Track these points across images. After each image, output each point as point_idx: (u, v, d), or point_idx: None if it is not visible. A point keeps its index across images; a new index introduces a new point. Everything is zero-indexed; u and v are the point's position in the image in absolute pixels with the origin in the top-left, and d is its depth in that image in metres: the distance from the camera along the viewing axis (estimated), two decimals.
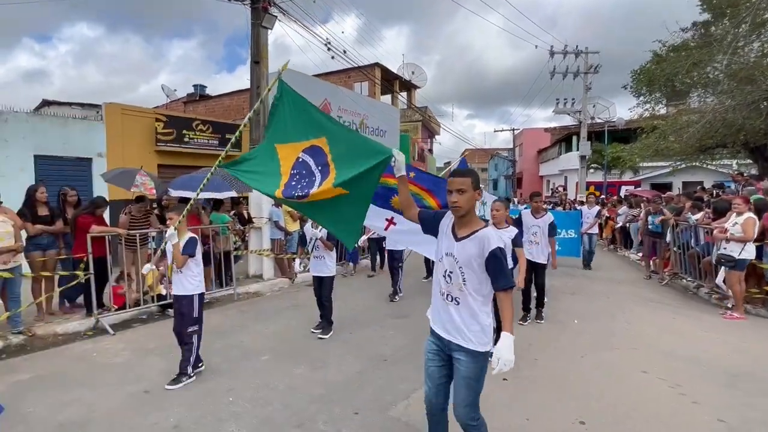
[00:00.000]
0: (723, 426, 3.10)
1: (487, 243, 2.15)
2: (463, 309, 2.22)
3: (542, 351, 4.61)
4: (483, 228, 2.24)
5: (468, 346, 2.20)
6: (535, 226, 5.56)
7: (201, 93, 24.94)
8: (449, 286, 2.27)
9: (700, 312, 6.28)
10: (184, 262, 3.82)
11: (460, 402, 2.23)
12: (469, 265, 2.20)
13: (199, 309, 3.94)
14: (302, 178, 3.23)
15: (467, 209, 2.26)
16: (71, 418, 3.24)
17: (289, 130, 3.38)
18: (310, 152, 3.29)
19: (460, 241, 2.25)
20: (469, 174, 2.30)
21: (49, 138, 8.43)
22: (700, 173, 20.56)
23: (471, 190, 2.24)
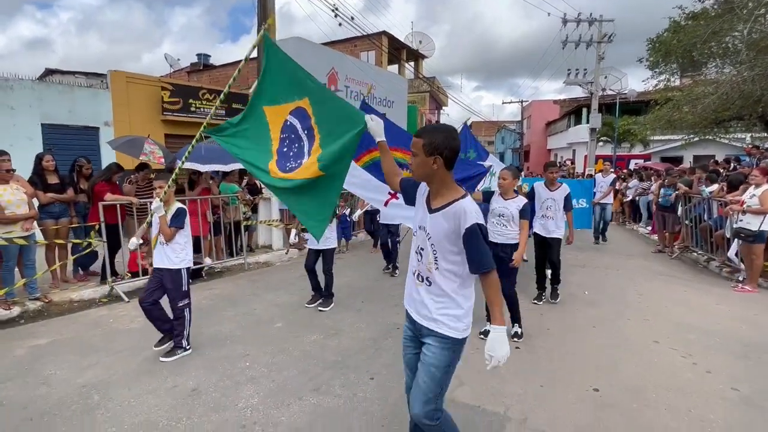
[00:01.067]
0: (736, 395, 3.11)
1: (464, 218, 1.80)
2: (435, 291, 1.91)
3: (555, 322, 4.63)
4: (460, 199, 1.86)
5: (439, 330, 1.89)
6: (550, 200, 5.18)
7: (205, 62, 24.49)
8: (420, 265, 1.97)
9: (711, 285, 6.26)
10: (172, 236, 3.60)
11: (418, 395, 1.90)
12: (441, 241, 1.87)
13: (187, 282, 3.76)
14: (292, 143, 3.14)
15: (420, 176, 1.96)
16: (92, 381, 3.30)
17: (276, 91, 3.22)
18: (297, 114, 3.17)
19: (433, 213, 1.92)
20: (425, 134, 1.90)
21: (55, 106, 8.35)
22: (712, 147, 20.23)
23: (422, 154, 1.88)
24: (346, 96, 14.00)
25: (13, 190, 4.81)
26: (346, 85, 13.88)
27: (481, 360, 1.90)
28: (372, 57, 21.04)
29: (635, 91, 23.38)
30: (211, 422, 2.75)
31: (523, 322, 4.28)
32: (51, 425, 2.72)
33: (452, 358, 1.91)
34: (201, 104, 10.40)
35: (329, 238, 5.12)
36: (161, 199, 3.52)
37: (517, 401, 2.99)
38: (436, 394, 1.89)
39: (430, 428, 1.90)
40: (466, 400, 2.96)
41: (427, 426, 1.90)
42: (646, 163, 20.23)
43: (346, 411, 2.87)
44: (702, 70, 14.79)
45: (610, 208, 9.64)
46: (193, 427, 2.70)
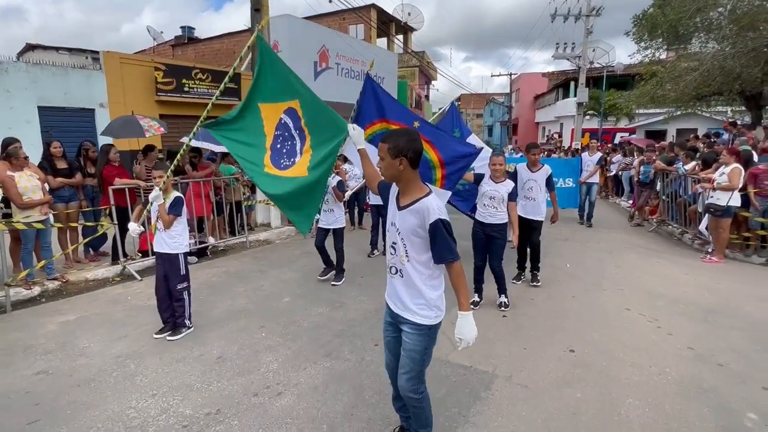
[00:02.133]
0: (691, 353, 3.61)
1: (427, 214, 1.99)
2: (408, 282, 2.11)
3: (538, 292, 5.09)
4: (424, 197, 2.05)
5: (413, 319, 2.11)
6: (532, 180, 5.24)
7: (189, 36, 23.98)
8: (393, 258, 2.16)
9: (683, 257, 6.79)
10: (171, 223, 3.77)
11: (404, 372, 2.18)
12: (410, 236, 2.06)
13: (185, 266, 3.95)
14: (285, 141, 3.33)
15: (389, 177, 2.13)
16: (124, 352, 3.67)
17: (272, 90, 3.38)
18: (290, 114, 3.36)
19: (401, 211, 2.10)
20: (389, 139, 2.07)
21: (50, 89, 8.41)
22: (695, 120, 20.73)
23: (388, 157, 2.04)
24: (337, 73, 14.08)
25: (28, 177, 5.04)
26: (337, 63, 13.94)
27: None
28: (360, 31, 20.88)
29: (622, 65, 23.56)
30: (239, 384, 3.16)
31: (510, 293, 4.73)
32: (98, 390, 3.11)
33: (428, 341, 2.15)
34: (194, 84, 10.47)
35: (338, 218, 5.46)
36: (161, 188, 3.70)
37: (503, 361, 3.45)
38: (418, 372, 2.17)
39: (414, 400, 2.21)
40: (459, 361, 3.40)
41: (411, 399, 2.20)
42: (628, 138, 20.69)
43: (356, 372, 3.30)
44: (686, 45, 15.10)
45: (596, 188, 9.48)
46: (224, 388, 3.10)
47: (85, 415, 2.81)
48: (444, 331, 3.93)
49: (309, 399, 2.96)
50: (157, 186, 3.73)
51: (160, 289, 3.94)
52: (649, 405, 2.87)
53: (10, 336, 4.01)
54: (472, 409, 2.83)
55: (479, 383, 3.13)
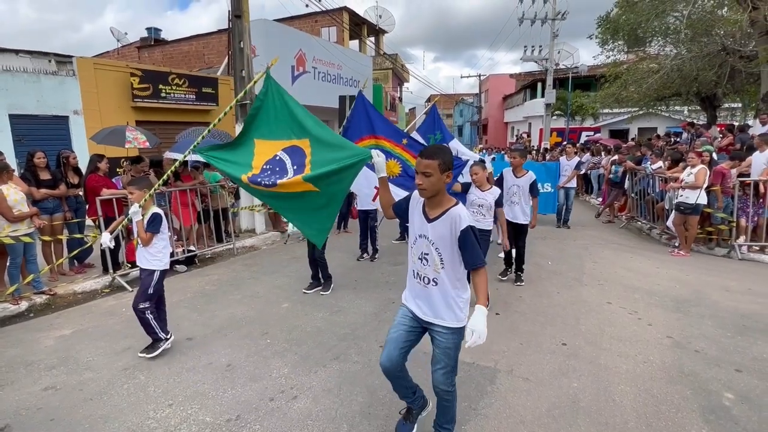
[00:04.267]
0: (670, 341, 3.94)
1: (459, 221, 2.14)
2: (443, 289, 2.24)
3: (525, 290, 5.37)
4: (454, 206, 2.21)
5: (449, 325, 2.27)
6: (515, 186, 5.36)
7: (156, 37, 23.37)
8: (425, 268, 2.27)
9: (653, 251, 7.25)
10: (149, 240, 3.65)
11: (440, 368, 2.31)
12: (443, 245, 2.20)
13: (155, 286, 3.75)
14: (273, 174, 3.31)
15: (433, 192, 2.21)
16: (131, 363, 3.69)
17: (273, 127, 3.39)
18: (290, 151, 3.34)
19: (431, 222, 2.23)
20: (436, 155, 2.17)
21: (22, 96, 8.13)
22: (655, 120, 21.84)
23: (438, 173, 2.16)
24: (314, 77, 14.12)
25: (15, 190, 4.94)
26: (314, 66, 13.98)
27: None
28: (333, 33, 20.93)
29: (586, 66, 24.60)
30: (254, 390, 3.25)
31: (499, 291, 4.97)
32: (112, 402, 3.13)
33: (460, 338, 2.30)
34: (171, 89, 10.31)
35: None
36: (140, 204, 3.60)
37: (503, 357, 3.67)
38: (453, 366, 2.34)
39: (447, 393, 2.37)
40: (462, 358, 3.51)
41: (444, 392, 2.36)
42: (595, 137, 21.57)
43: (367, 373, 3.44)
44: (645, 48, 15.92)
45: (573, 193, 9.48)
46: (239, 395, 3.19)
47: (105, 428, 2.85)
48: None
49: (325, 401, 3.09)
50: (136, 202, 3.62)
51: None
52: (639, 390, 3.15)
53: (7, 353, 3.95)
54: (480, 402, 3.03)
55: (484, 378, 3.34)
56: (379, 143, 4.46)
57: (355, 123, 4.45)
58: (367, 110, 4.44)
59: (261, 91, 3.46)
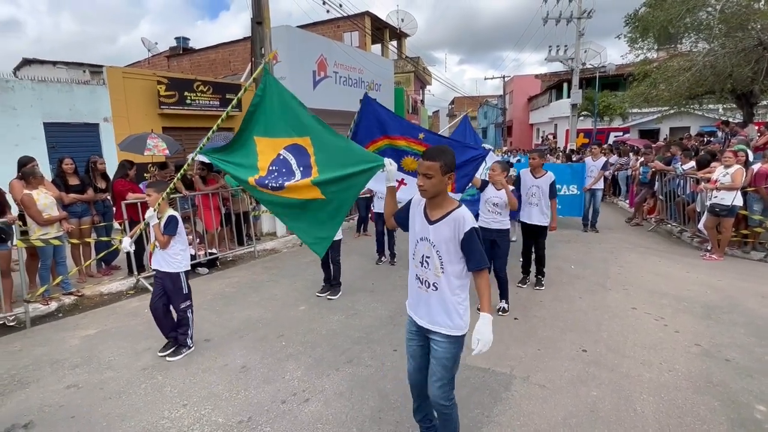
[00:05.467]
0: (698, 349, 3.75)
1: (462, 223, 2.09)
2: (442, 294, 2.17)
3: (546, 294, 5.23)
4: (456, 208, 2.16)
5: (446, 332, 2.18)
6: (534, 187, 5.24)
7: (184, 46, 24.09)
8: (426, 272, 2.22)
9: (683, 255, 6.96)
10: (167, 243, 3.70)
11: (435, 380, 2.22)
12: (445, 248, 2.14)
13: (187, 284, 3.89)
14: (280, 176, 3.26)
15: (434, 193, 2.17)
16: (150, 364, 3.77)
17: (271, 124, 3.33)
18: (293, 150, 3.27)
19: (433, 224, 2.18)
20: (438, 157, 2.13)
21: (56, 105, 8.50)
22: (687, 119, 21.05)
23: (439, 175, 2.12)
24: (335, 81, 14.23)
25: (45, 194, 5.14)
26: (335, 71, 14.10)
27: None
28: (355, 38, 21.07)
29: (614, 65, 23.92)
30: (266, 392, 3.27)
31: (519, 295, 4.86)
32: (129, 401, 3.20)
33: (459, 349, 2.22)
34: (196, 96, 10.58)
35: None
36: (155, 208, 3.65)
37: (519, 363, 3.58)
38: (449, 379, 2.24)
39: (444, 407, 2.25)
40: (478, 364, 3.52)
41: (442, 406, 2.25)
42: (622, 137, 20.96)
43: (379, 378, 3.41)
44: (677, 45, 15.38)
45: (600, 195, 8.94)
46: (252, 397, 3.21)
47: (121, 426, 2.91)
48: None
49: (336, 404, 3.08)
50: (151, 206, 3.69)
51: (158, 307, 3.85)
52: (662, 400, 3.00)
53: (35, 351, 4.10)
54: (494, 409, 2.96)
55: (498, 384, 3.25)
56: (394, 143, 4.42)
57: (365, 126, 4.43)
58: (376, 111, 4.41)
59: (259, 87, 3.41)
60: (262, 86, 3.38)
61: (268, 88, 3.37)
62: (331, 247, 5.44)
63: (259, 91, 3.40)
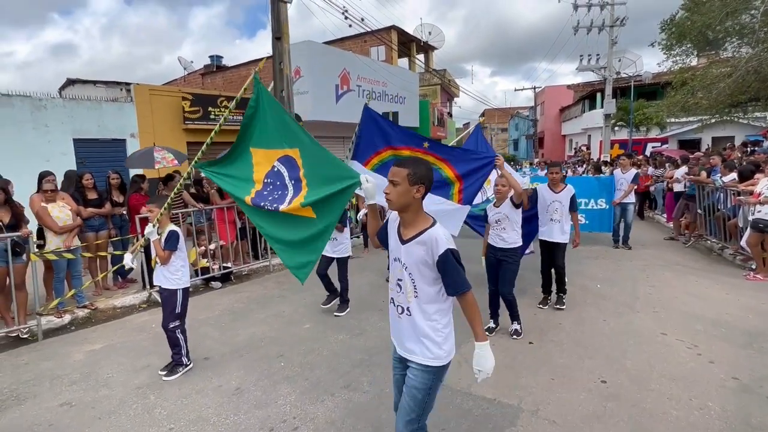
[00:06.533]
0: (736, 383, 3.34)
1: (435, 245, 1.88)
2: (416, 321, 1.98)
3: (566, 316, 4.87)
4: (430, 227, 1.94)
5: (421, 361, 1.97)
6: (556, 202, 4.94)
7: (218, 64, 24.91)
8: (399, 295, 2.03)
9: (724, 274, 6.40)
10: (168, 258, 3.62)
11: (403, 414, 2.03)
12: (417, 270, 1.94)
13: (182, 304, 3.77)
14: (275, 190, 3.17)
15: (400, 205, 1.97)
16: (146, 382, 3.69)
17: (266, 135, 3.24)
18: (285, 162, 3.17)
19: (405, 244, 1.99)
20: (407, 165, 1.96)
21: (85, 121, 8.84)
22: (731, 128, 19.89)
23: (406, 183, 1.92)
24: (358, 95, 14.26)
25: (60, 207, 5.25)
26: (358, 85, 14.14)
27: (497, 356, 2.16)
28: (382, 52, 21.15)
29: (650, 74, 23.01)
30: (256, 417, 3.11)
31: (537, 317, 4.54)
32: (118, 423, 3.11)
33: (434, 382, 2.00)
34: (220, 111, 10.78)
35: (342, 245, 5.18)
36: (154, 224, 3.59)
37: (529, 393, 3.28)
38: (419, 415, 2.01)
39: None
40: (483, 393, 3.25)
41: None
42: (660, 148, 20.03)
43: (375, 405, 3.20)
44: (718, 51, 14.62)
45: (632, 209, 8.43)
46: (240, 423, 3.05)
47: None
48: (467, 359, 3.81)
49: None
50: (150, 221, 3.64)
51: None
52: None
53: (41, 366, 4.11)
54: None
55: (503, 418, 2.97)
56: (399, 153, 4.26)
57: (366, 138, 4.29)
58: (378, 122, 4.27)
59: (252, 98, 3.31)
60: (254, 97, 3.30)
61: (260, 97, 3.29)
62: (339, 264, 5.29)
63: (252, 102, 3.32)
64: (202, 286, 6.59)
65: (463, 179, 4.24)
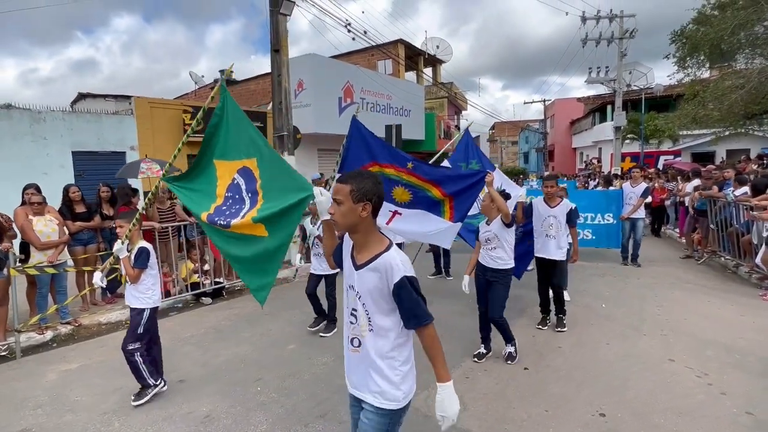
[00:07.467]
0: (750, 419, 3.02)
1: (391, 272, 1.67)
2: (370, 356, 1.75)
3: (567, 338, 4.58)
4: (385, 251, 1.72)
5: (375, 403, 1.75)
6: (551, 217, 4.69)
7: (228, 78, 25.12)
8: (354, 328, 1.80)
9: (738, 294, 6.04)
10: (137, 277, 3.43)
11: None
12: (372, 300, 1.73)
13: (146, 325, 3.53)
14: (234, 204, 3.03)
15: (346, 225, 1.76)
16: (113, 407, 3.49)
17: (229, 146, 3.11)
18: (244, 174, 3.05)
19: (359, 270, 1.77)
20: (349, 180, 1.73)
21: (84, 134, 8.84)
22: (746, 140, 19.38)
23: (349, 201, 1.70)
24: (362, 107, 14.18)
25: (46, 221, 5.13)
26: (362, 97, 14.07)
27: (487, 383, 1.93)
28: (389, 65, 21.17)
29: (661, 86, 22.64)
30: None
31: (536, 339, 4.26)
32: None
33: (390, 427, 1.79)
34: None
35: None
36: (122, 240, 3.43)
37: (519, 427, 3.00)
38: None
39: None
40: (467, 426, 2.99)
41: None
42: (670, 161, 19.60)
43: None
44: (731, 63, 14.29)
45: (641, 225, 7.98)
46: None
47: None
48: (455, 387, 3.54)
49: None
50: (120, 238, 3.45)
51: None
52: None
53: (11, 386, 3.94)
54: None
55: None
56: (384, 171, 4.07)
57: (354, 151, 4.11)
58: (365, 136, 4.08)
59: (218, 106, 3.13)
60: (220, 105, 3.12)
61: (226, 105, 3.12)
62: (327, 281, 5.08)
63: (218, 110, 3.14)
64: (192, 302, 6.42)
65: (453, 198, 4.03)
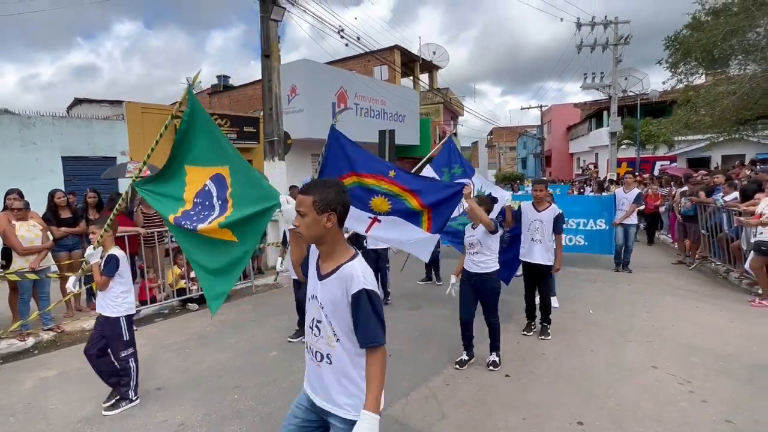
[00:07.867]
0: (729, 427, 2.98)
1: (350, 282, 1.63)
2: (338, 369, 1.69)
3: (552, 345, 4.54)
4: (349, 261, 1.68)
5: (346, 416, 1.69)
6: (537, 221, 4.68)
7: (225, 84, 25.19)
8: (317, 341, 1.74)
9: (728, 299, 6.01)
10: (105, 284, 3.39)
11: None
12: (336, 311, 1.67)
13: (129, 331, 3.52)
14: (203, 210, 3.01)
15: (311, 238, 1.72)
16: (89, 416, 3.43)
17: (201, 152, 3.08)
18: (216, 181, 3.03)
19: (323, 280, 1.72)
20: (311, 191, 1.69)
21: (75, 139, 8.82)
22: (741, 146, 19.41)
23: (313, 213, 1.66)
24: (355, 113, 14.19)
25: (29, 227, 5.09)
26: (356, 103, 14.08)
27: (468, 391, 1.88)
28: (385, 71, 21.19)
29: (657, 92, 22.71)
30: None
31: (520, 345, 4.22)
32: None
33: None
34: None
35: None
36: (94, 246, 3.38)
37: None
38: None
39: None
40: None
41: None
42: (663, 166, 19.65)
43: None
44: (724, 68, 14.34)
45: (633, 231, 8.00)
46: None
47: None
48: (435, 393, 3.50)
49: None
50: (92, 243, 3.40)
51: (92, 353, 3.49)
52: None
53: None
54: None
55: None
56: (363, 181, 4.02)
57: (332, 161, 4.05)
58: (343, 146, 4.03)
59: (185, 112, 3.09)
60: (188, 110, 3.08)
61: (194, 111, 3.08)
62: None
63: (185, 116, 3.10)
64: (178, 308, 6.37)
65: (431, 209, 3.99)
